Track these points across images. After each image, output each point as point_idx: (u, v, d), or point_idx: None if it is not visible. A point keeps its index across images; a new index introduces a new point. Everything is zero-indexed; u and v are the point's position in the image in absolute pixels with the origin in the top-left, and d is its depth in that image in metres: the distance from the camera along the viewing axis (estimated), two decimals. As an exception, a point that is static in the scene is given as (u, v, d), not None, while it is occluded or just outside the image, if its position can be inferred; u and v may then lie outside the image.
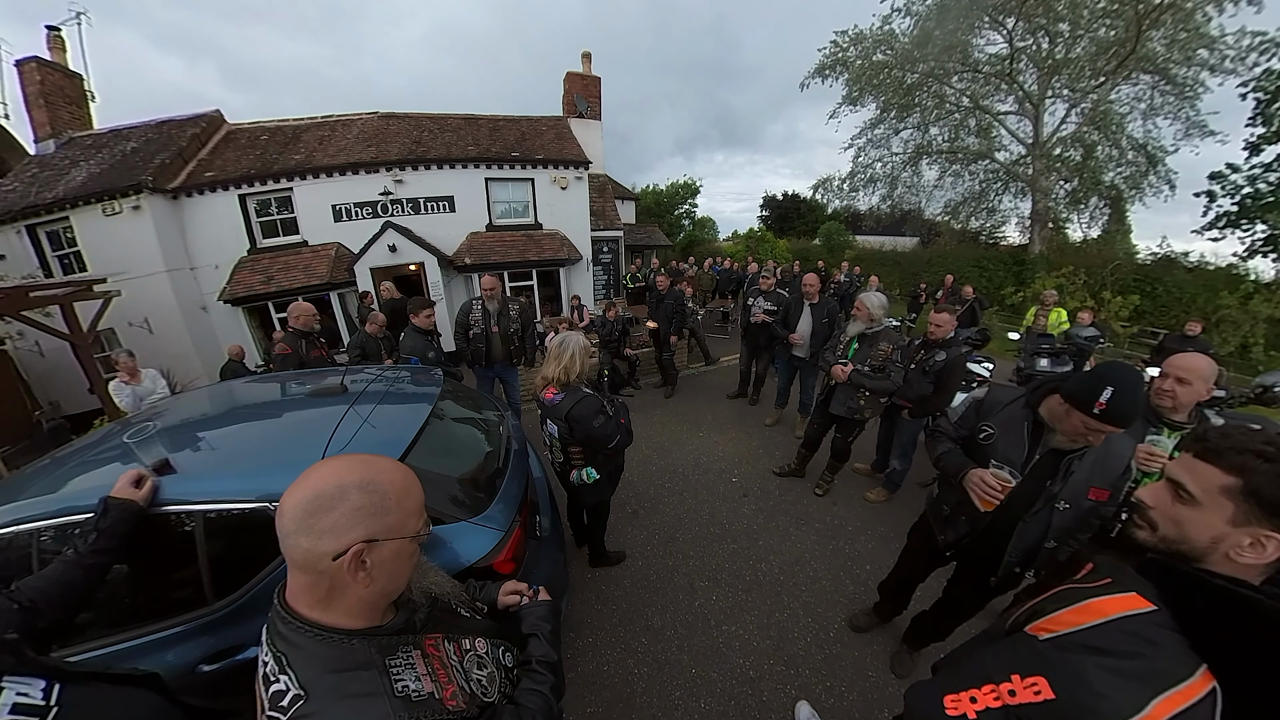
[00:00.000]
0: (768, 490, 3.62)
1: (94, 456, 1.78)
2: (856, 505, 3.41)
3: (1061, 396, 1.40)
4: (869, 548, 2.98)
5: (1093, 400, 1.26)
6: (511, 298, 4.45)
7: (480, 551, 1.65)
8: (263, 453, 1.79)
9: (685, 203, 25.78)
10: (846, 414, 3.08)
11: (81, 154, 8.38)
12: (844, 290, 9.42)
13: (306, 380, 2.35)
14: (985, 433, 1.62)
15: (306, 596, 0.70)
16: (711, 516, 3.32)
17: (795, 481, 3.70)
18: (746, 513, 3.35)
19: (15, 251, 7.80)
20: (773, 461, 3.99)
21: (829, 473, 3.50)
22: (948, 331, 2.96)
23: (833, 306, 4.08)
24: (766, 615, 2.51)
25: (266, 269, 8.28)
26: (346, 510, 0.67)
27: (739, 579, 2.76)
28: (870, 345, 2.97)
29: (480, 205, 9.26)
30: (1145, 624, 0.69)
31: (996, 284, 13.41)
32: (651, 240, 15.56)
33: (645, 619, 2.53)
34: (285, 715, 0.64)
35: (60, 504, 1.48)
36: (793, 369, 4.43)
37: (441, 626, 0.83)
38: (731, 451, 4.27)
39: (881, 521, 3.20)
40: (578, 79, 11.34)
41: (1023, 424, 1.55)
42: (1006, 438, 1.57)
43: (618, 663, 2.31)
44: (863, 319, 3.00)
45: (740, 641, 2.37)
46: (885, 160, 16.31)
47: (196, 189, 7.96)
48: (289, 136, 9.18)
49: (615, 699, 2.15)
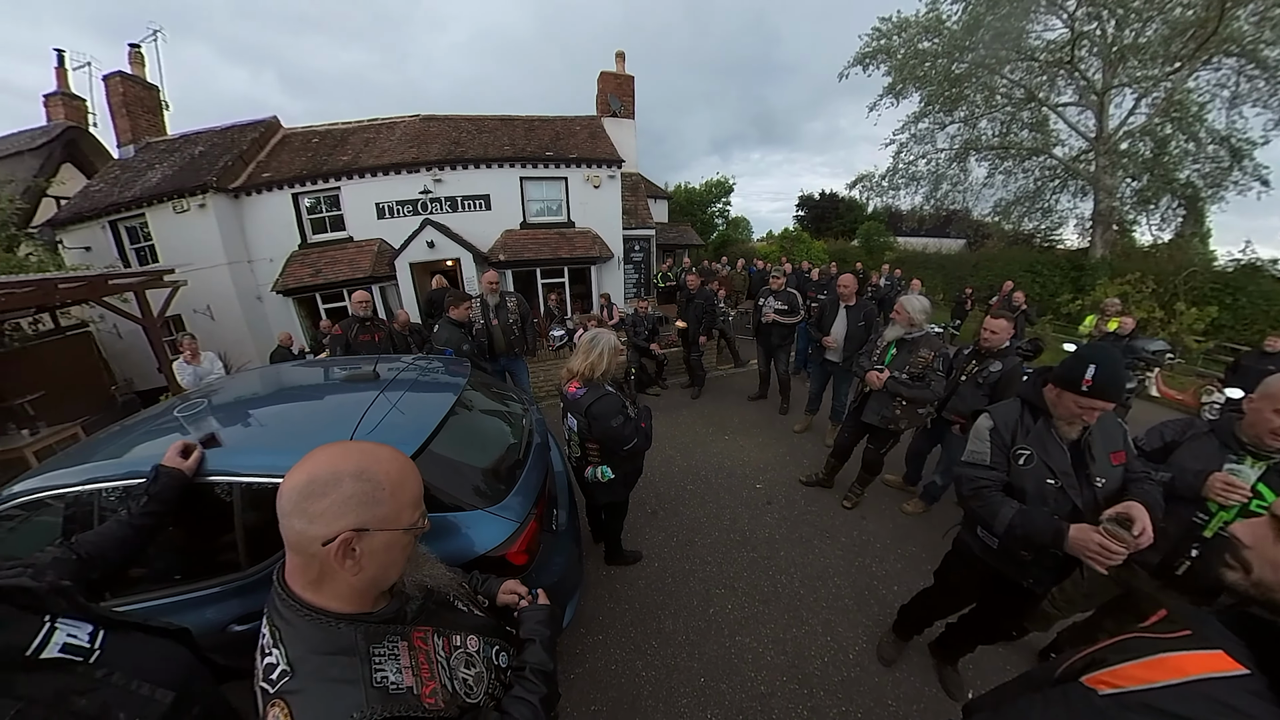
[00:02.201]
0: (792, 499, 3.51)
1: (153, 428, 1.93)
2: (887, 521, 3.23)
3: (1051, 382, 1.48)
4: (897, 567, 2.82)
5: (1079, 379, 1.35)
6: (509, 291, 4.55)
7: (494, 541, 1.67)
8: (298, 432, 1.90)
9: (719, 201, 25.42)
10: (880, 423, 2.94)
11: (157, 157, 9.16)
12: (883, 294, 9.01)
13: (344, 366, 2.48)
14: (1023, 456, 1.53)
15: (300, 577, 0.71)
16: (732, 522, 3.25)
17: (822, 492, 3.56)
18: (769, 521, 3.26)
19: (99, 243, 8.64)
20: (800, 470, 3.85)
21: (859, 485, 3.34)
22: (1003, 340, 2.71)
23: (870, 310, 3.91)
24: (783, 630, 2.42)
25: (315, 263, 8.76)
26: (339, 498, 0.67)
27: (756, 589, 2.68)
28: (909, 351, 2.81)
29: (515, 203, 9.44)
30: (1234, 690, 0.59)
31: (1051, 290, 12.50)
32: (684, 239, 15.45)
33: (658, 621, 2.50)
34: (273, 688, 0.66)
35: (121, 469, 1.63)
36: (826, 373, 4.28)
37: (433, 620, 0.82)
38: (757, 457, 4.16)
39: (913, 540, 3.03)
40: (611, 78, 11.39)
41: (1049, 429, 1.50)
42: (1047, 451, 1.50)
43: (626, 663, 2.30)
44: (902, 322, 2.85)
45: (753, 654, 2.30)
46: (929, 157, 15.36)
47: (255, 188, 8.55)
48: (338, 139, 9.66)
49: (620, 699, 2.13)
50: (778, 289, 4.64)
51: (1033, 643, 2.26)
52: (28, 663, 0.75)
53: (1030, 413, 1.57)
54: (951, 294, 12.09)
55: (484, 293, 4.30)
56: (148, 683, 0.83)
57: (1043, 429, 1.52)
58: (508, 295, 4.43)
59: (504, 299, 4.33)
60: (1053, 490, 1.47)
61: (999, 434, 1.58)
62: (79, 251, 8.65)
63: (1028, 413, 1.57)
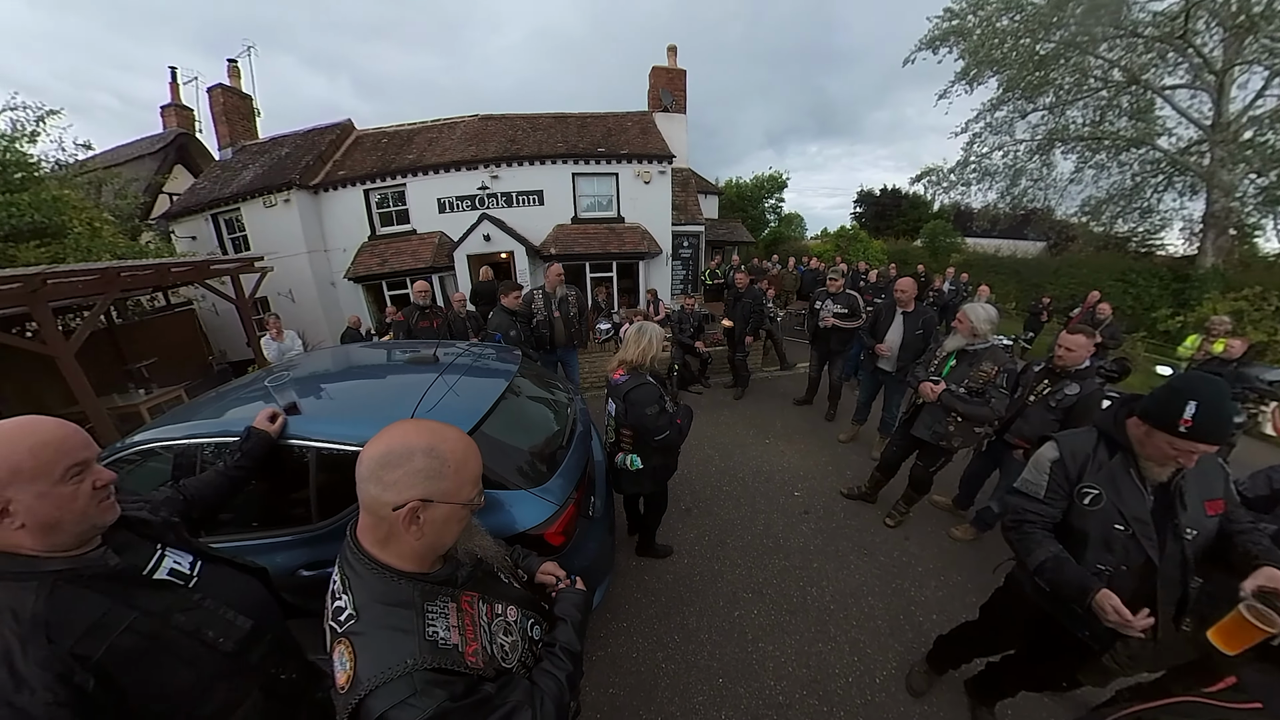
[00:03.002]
0: (831, 511, 3.39)
1: (244, 395, 2.21)
2: (931, 544, 3.03)
3: (1139, 417, 1.27)
4: (938, 595, 2.63)
5: (1175, 417, 1.14)
6: (571, 287, 4.68)
7: (535, 520, 1.77)
8: (366, 406, 2.12)
9: (771, 197, 24.69)
10: (931, 439, 2.76)
11: (250, 158, 10.29)
12: (946, 300, 8.29)
13: (407, 349, 2.69)
14: (1090, 495, 1.35)
15: (370, 535, 0.81)
16: (766, 528, 3.20)
17: (864, 506, 3.40)
18: (804, 531, 3.18)
19: (203, 233, 9.79)
20: (842, 481, 3.71)
21: (904, 503, 3.14)
22: (1081, 359, 2.41)
23: (929, 317, 3.65)
24: (808, 643, 2.37)
25: (382, 253, 9.45)
26: (410, 470, 0.76)
27: (785, 598, 2.63)
28: (970, 364, 2.61)
29: (567, 199, 9.65)
30: None
31: (1146, 303, 11.00)
32: (733, 236, 15.19)
33: (682, 617, 2.52)
34: (340, 628, 0.76)
35: (217, 428, 1.90)
36: (877, 383, 4.05)
37: (480, 587, 0.90)
38: (797, 464, 4.05)
39: (959, 567, 2.82)
40: (663, 73, 11.33)
41: (1128, 468, 1.32)
42: (1119, 492, 1.32)
43: (647, 653, 2.34)
44: (964, 332, 2.63)
45: (775, 663, 2.27)
46: (1007, 149, 13.56)
47: (331, 185, 9.35)
48: (404, 139, 10.29)
49: (638, 686, 2.18)
50: (836, 291, 4.46)
51: (1087, 697, 2.04)
52: (143, 580, 0.90)
53: (1107, 446, 1.38)
54: (1026, 302, 10.99)
55: (549, 285, 4.46)
56: (232, 609, 0.97)
57: (1119, 467, 1.34)
58: (570, 290, 4.59)
59: (566, 294, 4.50)
60: (1121, 538, 1.31)
61: (1063, 467, 1.41)
62: (187, 240, 9.86)
63: (1103, 446, 1.39)
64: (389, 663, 0.71)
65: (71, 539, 0.82)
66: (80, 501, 0.81)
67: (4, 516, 0.76)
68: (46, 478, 0.78)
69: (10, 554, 0.78)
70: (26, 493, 0.76)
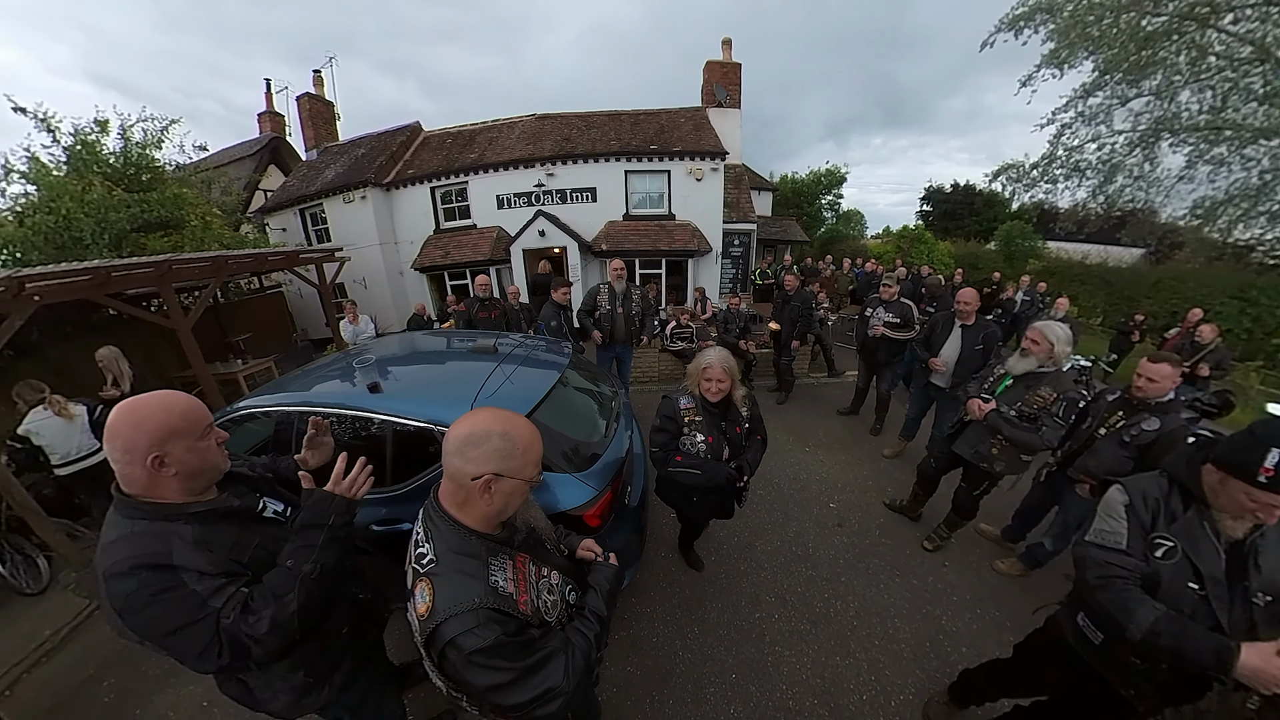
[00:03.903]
0: (867, 526, 3.29)
1: (329, 372, 2.53)
2: (971, 574, 2.86)
3: (1213, 463, 1.16)
4: (971, 628, 2.49)
5: (1254, 464, 1.04)
6: (635, 283, 4.77)
7: (576, 502, 1.93)
8: (434, 389, 2.38)
9: (828, 193, 23.55)
10: (972, 458, 2.61)
11: (331, 159, 11.35)
12: (1018, 311, 7.53)
13: (471, 339, 2.95)
14: (1163, 547, 1.23)
15: (450, 498, 0.99)
16: (797, 536, 3.18)
17: (902, 525, 3.29)
18: (836, 543, 3.12)
19: (292, 226, 10.88)
20: (882, 497, 3.59)
21: (946, 528, 2.98)
22: (1164, 390, 2.13)
23: (991, 332, 3.37)
24: (826, 655, 2.35)
25: (445, 246, 10.07)
26: (487, 449, 0.94)
27: (808, 607, 2.63)
28: (1028, 387, 2.41)
29: (619, 196, 9.79)
30: None
31: (1269, 327, 9.38)
32: (787, 235, 14.77)
33: (703, 611, 2.59)
34: (422, 569, 0.95)
35: (308, 399, 2.20)
36: (928, 398, 3.84)
37: (531, 551, 1.08)
38: (836, 475, 3.96)
39: (998, 603, 2.64)
40: (717, 67, 11.11)
41: (1202, 520, 1.20)
42: (1196, 547, 1.19)
43: (666, 640, 2.43)
44: (1040, 354, 2.37)
45: (789, 668, 2.29)
46: (1102, 141, 11.60)
47: (402, 183, 10.08)
48: (467, 139, 10.85)
49: (654, 670, 2.28)
50: (889, 299, 4.21)
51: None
52: (257, 517, 1.21)
53: (1180, 495, 1.25)
54: (1114, 319, 9.79)
55: (611, 280, 4.57)
56: None
57: (1194, 519, 1.22)
58: (634, 287, 4.68)
59: (629, 290, 4.59)
60: (1192, 598, 1.18)
61: (1136, 512, 1.28)
62: (278, 231, 11.02)
63: (1176, 495, 1.26)
64: (460, 599, 0.90)
65: (204, 484, 1.10)
66: (211, 453, 1.09)
67: (162, 466, 1.00)
68: (192, 435, 1.04)
69: (164, 503, 1.04)
70: (179, 447, 1.02)
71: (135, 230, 6.51)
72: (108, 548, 0.99)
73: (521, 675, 0.91)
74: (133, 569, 0.96)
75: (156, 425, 0.99)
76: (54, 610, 3.06)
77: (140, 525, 1.01)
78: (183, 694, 2.39)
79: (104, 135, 6.80)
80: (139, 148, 7.06)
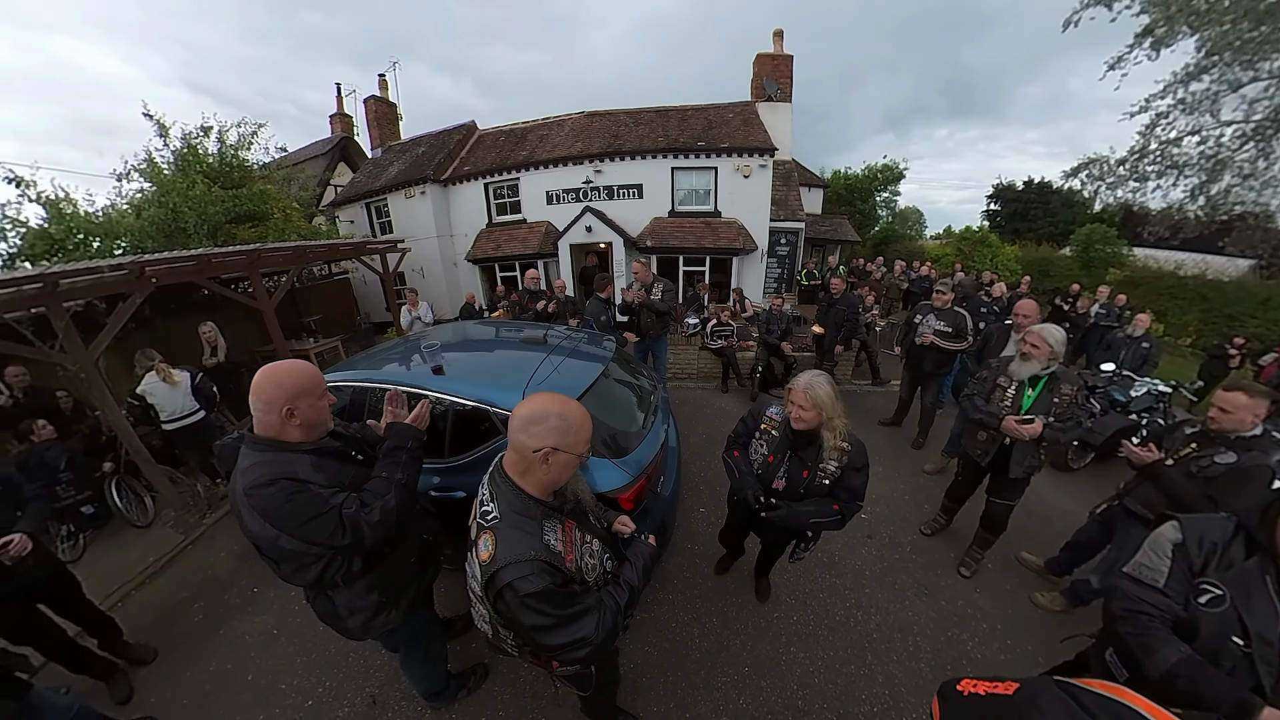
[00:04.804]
0: (898, 541, 3.18)
1: (394, 355, 2.80)
2: (1007, 603, 2.67)
3: None
4: (1000, 659, 2.36)
5: None
6: (660, 279, 4.86)
7: (612, 485, 2.06)
8: (491, 374, 2.58)
9: (884, 190, 22.38)
10: (1025, 474, 2.51)
11: (394, 156, 12.20)
12: (1086, 326, 6.92)
13: (523, 329, 3.17)
14: (1209, 594, 1.16)
15: (514, 467, 1.17)
16: (824, 542, 3.11)
17: (934, 545, 3.14)
18: (863, 554, 3.06)
19: (359, 218, 11.73)
20: (919, 514, 3.42)
21: (978, 548, 2.84)
22: (1242, 423, 1.92)
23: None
24: (840, 662, 2.34)
25: (497, 239, 10.51)
26: (547, 427, 1.10)
27: (827, 614, 2.61)
28: (1051, 391, 2.38)
29: (665, 192, 9.82)
30: None
31: None
32: (837, 234, 14.27)
33: (723, 605, 2.64)
34: (486, 524, 1.12)
35: (377, 376, 2.46)
36: None
37: (577, 519, 1.25)
38: (871, 486, 3.64)
39: (1033, 636, 2.46)
40: (768, 60, 10.82)
41: (1264, 575, 1.13)
42: (1248, 601, 1.12)
43: (685, 627, 2.52)
44: (1041, 358, 2.35)
45: (802, 669, 2.30)
46: (1205, 132, 9.99)
47: (458, 179, 10.61)
48: (519, 137, 11.25)
49: (670, 652, 2.38)
50: (942, 306, 3.99)
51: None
52: (351, 459, 1.51)
53: (1245, 544, 1.18)
54: (1208, 340, 8.69)
55: (634, 280, 4.71)
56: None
57: (1254, 570, 1.15)
58: (658, 283, 4.77)
59: (653, 286, 4.69)
60: (1234, 653, 1.12)
61: (1185, 553, 1.22)
62: (347, 223, 11.90)
63: (1240, 542, 1.19)
64: (518, 550, 1.06)
65: (318, 435, 1.42)
66: (324, 412, 1.41)
67: (293, 416, 1.32)
68: (315, 394, 1.36)
69: (288, 441, 1.35)
70: (304, 404, 1.33)
71: (228, 222, 7.27)
72: (247, 470, 1.28)
73: (561, 622, 1.07)
74: (273, 480, 1.26)
75: (291, 385, 1.31)
76: (157, 542, 3.61)
77: (270, 455, 1.31)
78: (256, 621, 2.79)
79: (205, 139, 7.63)
80: (232, 149, 7.87)
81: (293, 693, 2.33)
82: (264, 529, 1.25)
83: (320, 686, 2.34)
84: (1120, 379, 4.46)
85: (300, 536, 1.27)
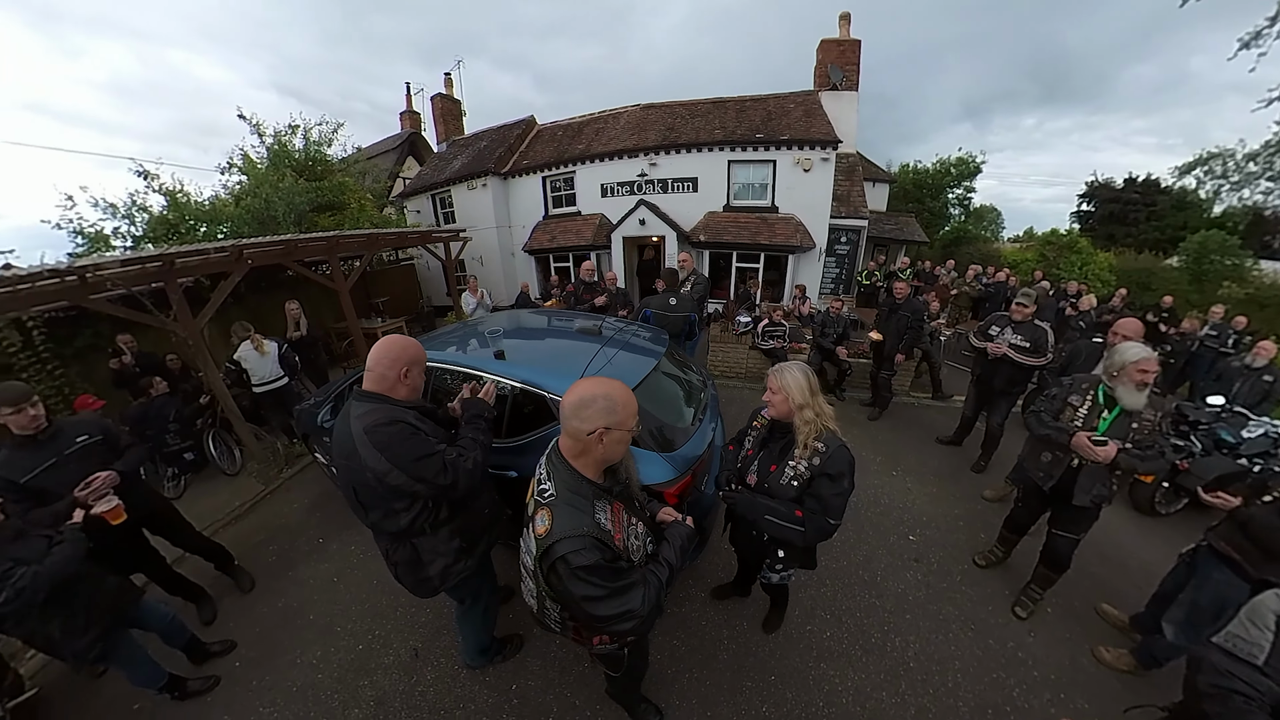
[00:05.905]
0: (947, 569, 2.95)
1: (456, 339, 2.95)
2: (1064, 653, 2.40)
3: None
4: (1048, 712, 2.12)
5: None
6: (696, 272, 4.93)
7: (658, 479, 2.08)
8: (548, 361, 2.66)
9: (958, 186, 20.68)
10: (1092, 503, 2.23)
11: (458, 151, 12.85)
12: (1197, 350, 6.07)
13: (580, 319, 3.26)
14: None
15: (569, 450, 1.25)
16: (866, 561, 2.99)
17: (988, 578, 2.88)
18: (908, 578, 2.87)
19: (425, 208, 12.44)
20: (973, 543, 3.15)
21: (1038, 587, 2.56)
22: None
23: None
24: (872, 686, 2.22)
25: (552, 231, 10.81)
26: (596, 409, 1.18)
27: (863, 635, 2.49)
28: (1131, 415, 2.12)
29: (720, 186, 9.59)
30: None
31: None
32: (902, 234, 13.42)
33: (756, 610, 2.60)
34: (544, 500, 1.21)
35: (447, 358, 2.61)
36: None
37: (625, 501, 1.33)
38: (923, 507, 3.56)
39: (1091, 694, 2.19)
40: (833, 46, 10.20)
41: None
42: None
43: (714, 628, 2.51)
44: (1149, 386, 2.10)
45: (829, 687, 2.22)
46: None
47: (517, 172, 10.99)
48: (575, 131, 11.42)
49: (697, 650, 2.39)
50: (1022, 319, 3.58)
51: None
52: (438, 418, 1.77)
53: None
54: None
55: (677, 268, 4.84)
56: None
57: None
58: (691, 275, 4.83)
59: (689, 278, 4.74)
60: None
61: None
62: (414, 213, 12.70)
63: None
64: (572, 525, 1.15)
65: (416, 397, 1.68)
66: (423, 380, 1.71)
67: (406, 377, 1.59)
68: (421, 365, 1.66)
69: (397, 398, 1.60)
70: (415, 370, 1.63)
71: (311, 211, 7.96)
72: (364, 415, 1.50)
73: (610, 594, 1.15)
74: (392, 421, 1.50)
75: (411, 353, 1.61)
76: (241, 490, 4.14)
77: (385, 405, 1.54)
78: (320, 568, 3.10)
79: (293, 136, 8.43)
80: (315, 146, 8.60)
81: (346, 635, 2.58)
82: (380, 463, 1.45)
83: (370, 634, 2.58)
84: (1231, 416, 3.76)
85: (412, 472, 1.48)
